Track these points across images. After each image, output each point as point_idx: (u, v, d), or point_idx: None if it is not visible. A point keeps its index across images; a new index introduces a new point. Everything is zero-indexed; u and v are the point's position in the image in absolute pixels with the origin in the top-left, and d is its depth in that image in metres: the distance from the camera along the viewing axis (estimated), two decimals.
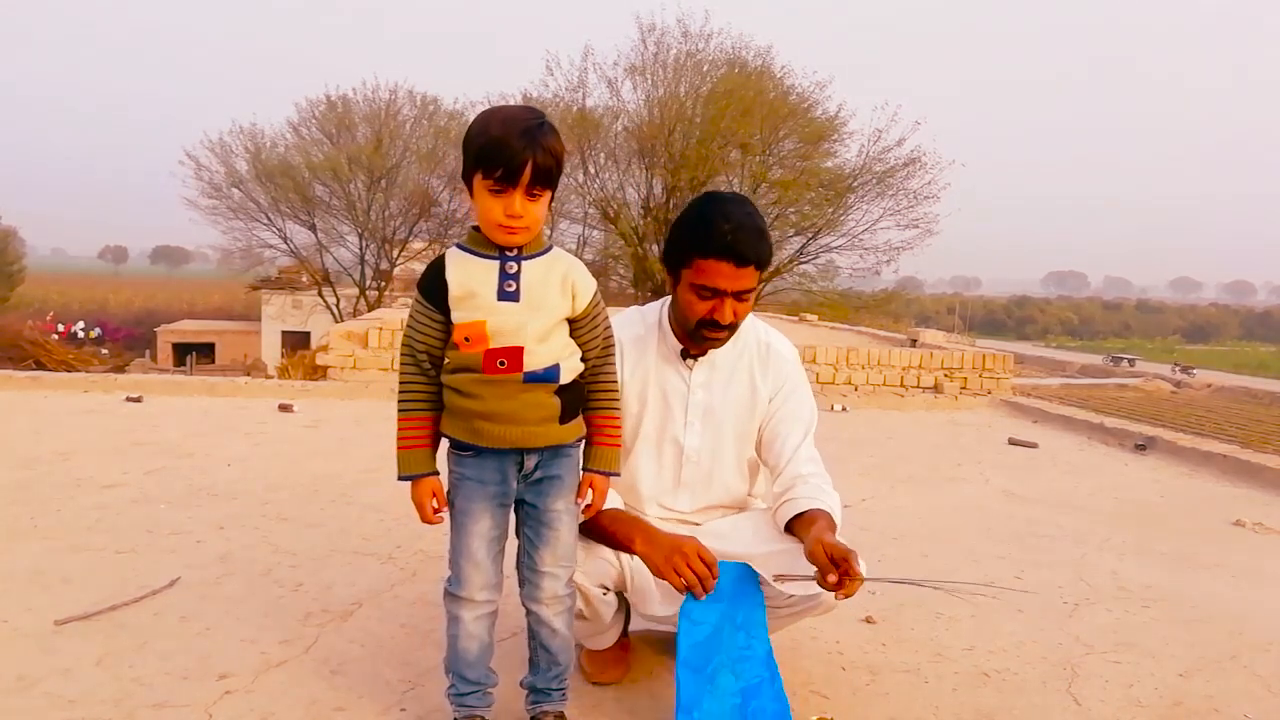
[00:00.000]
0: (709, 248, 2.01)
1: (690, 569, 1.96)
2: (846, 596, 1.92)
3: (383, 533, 3.50)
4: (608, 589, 2.12)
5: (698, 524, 2.27)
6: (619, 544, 2.07)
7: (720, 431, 2.21)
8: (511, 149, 1.68)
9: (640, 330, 2.23)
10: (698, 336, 2.13)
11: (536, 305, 1.78)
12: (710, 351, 2.19)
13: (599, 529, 2.06)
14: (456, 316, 1.77)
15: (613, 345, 1.95)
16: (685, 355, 2.20)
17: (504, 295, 1.77)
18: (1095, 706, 2.28)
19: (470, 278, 1.77)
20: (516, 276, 1.78)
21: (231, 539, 3.34)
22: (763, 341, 2.26)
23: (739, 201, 2.10)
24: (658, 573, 2.00)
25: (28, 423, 5.57)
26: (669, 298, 2.22)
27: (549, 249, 1.83)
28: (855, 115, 20.96)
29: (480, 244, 1.79)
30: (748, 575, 2.03)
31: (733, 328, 2.11)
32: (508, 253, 1.78)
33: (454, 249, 1.82)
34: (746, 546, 2.16)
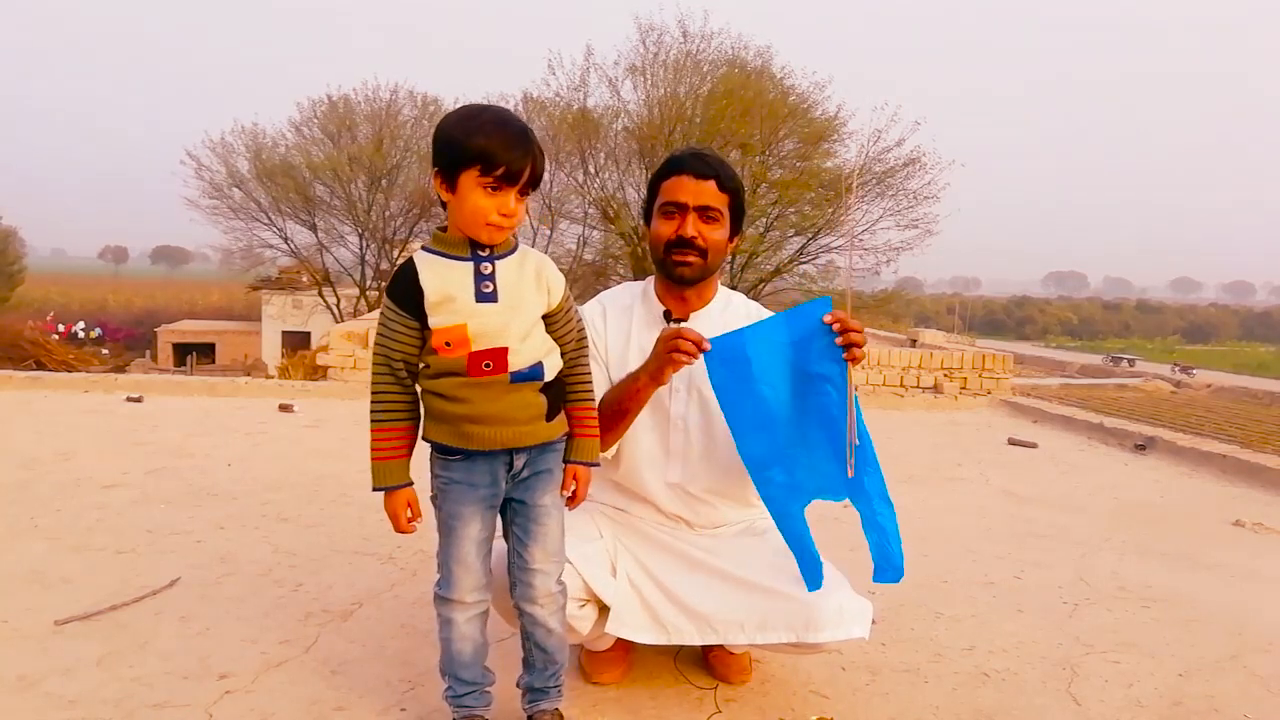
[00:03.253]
0: (669, 168, 2.17)
1: (681, 349, 1.97)
2: (852, 356, 1.96)
3: (383, 533, 3.48)
4: (584, 601, 2.09)
5: (690, 498, 2.25)
6: (627, 402, 2.06)
7: (706, 400, 2.16)
8: (515, 150, 1.69)
9: (627, 300, 2.26)
10: (669, 266, 2.15)
11: (515, 304, 1.77)
12: (694, 316, 2.19)
13: (607, 410, 2.06)
14: (434, 322, 1.74)
15: (586, 338, 1.96)
16: (669, 319, 2.20)
17: (482, 297, 1.75)
18: (1095, 706, 2.29)
19: (446, 282, 1.74)
20: (492, 277, 1.76)
21: (232, 539, 3.34)
22: (754, 316, 2.24)
23: (710, 150, 2.21)
24: (661, 373, 2.00)
25: (28, 423, 5.57)
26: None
27: (516, 247, 1.82)
28: (855, 115, 20.92)
29: (450, 245, 1.76)
30: (783, 325, 2.02)
31: (702, 252, 2.12)
32: (480, 253, 1.76)
33: (421, 253, 1.78)
34: (741, 570, 2.14)
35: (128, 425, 5.61)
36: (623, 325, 2.23)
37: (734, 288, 2.30)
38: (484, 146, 1.68)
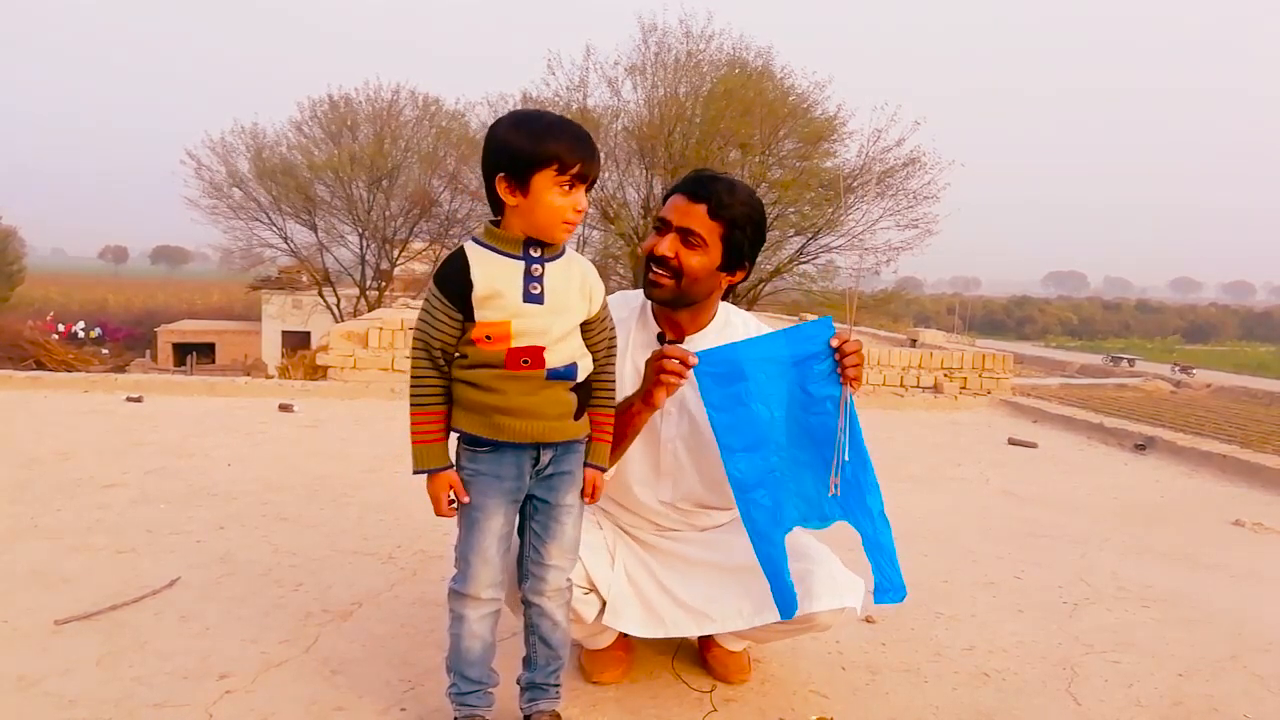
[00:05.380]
0: (674, 186, 2.13)
1: (667, 369, 1.94)
2: (855, 371, 1.98)
3: (383, 533, 3.50)
4: (588, 589, 2.11)
5: (683, 512, 2.25)
6: (623, 427, 2.03)
7: (696, 422, 2.15)
8: (588, 148, 1.75)
9: (623, 313, 2.21)
10: (646, 281, 2.12)
11: (559, 308, 1.80)
12: (689, 339, 2.16)
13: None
14: (479, 315, 1.76)
15: (615, 346, 1.98)
16: (663, 340, 2.18)
17: (529, 297, 1.77)
18: (1095, 706, 2.29)
19: (496, 278, 1.76)
20: (541, 279, 1.78)
21: (231, 539, 3.34)
22: (755, 334, 2.23)
23: (729, 177, 2.14)
24: (651, 396, 1.98)
25: (28, 423, 5.57)
26: None
27: (563, 251, 1.84)
28: (855, 115, 20.93)
29: (503, 241, 1.79)
30: (779, 343, 2.00)
31: (676, 275, 2.06)
32: (532, 253, 1.79)
33: (473, 245, 1.80)
34: (737, 558, 2.14)
35: (128, 425, 5.61)
36: (619, 338, 2.19)
37: (734, 290, 2.27)
38: (559, 148, 1.72)
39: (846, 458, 1.97)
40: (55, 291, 46.29)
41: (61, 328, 25.94)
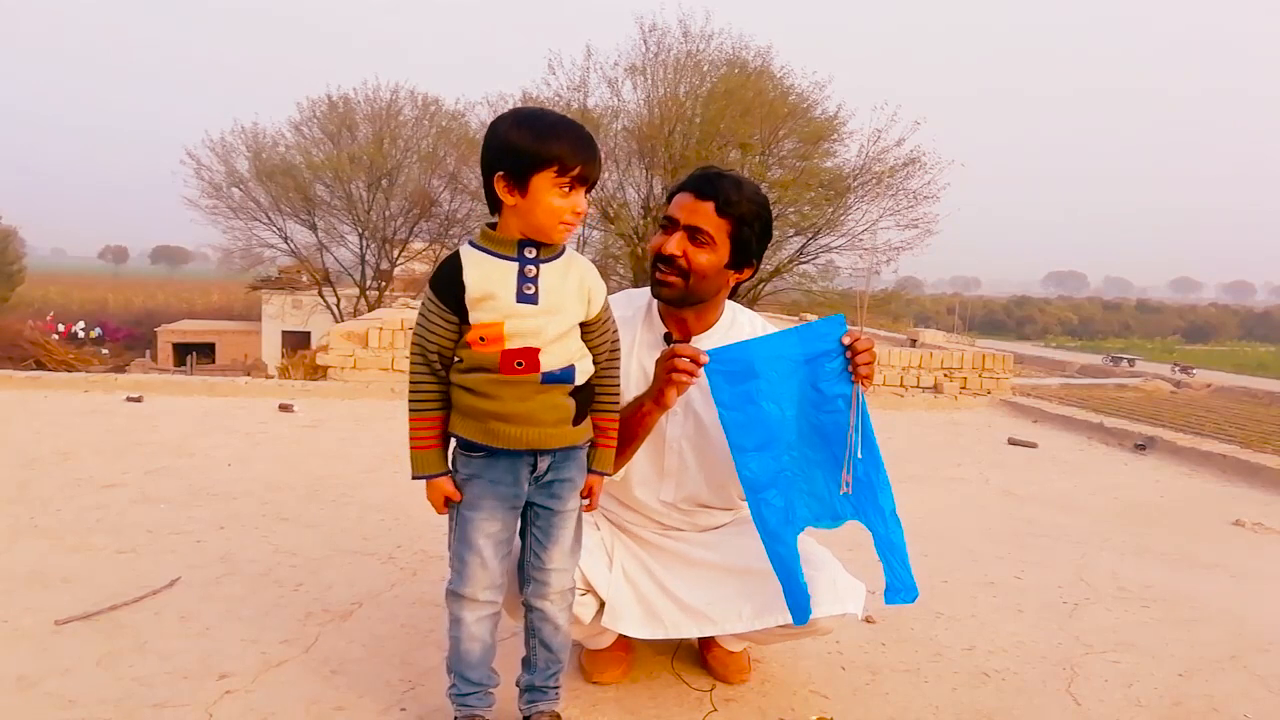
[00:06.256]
0: (680, 184, 2.12)
1: (678, 368, 1.93)
2: (867, 369, 1.97)
3: (383, 533, 3.50)
4: (585, 590, 2.10)
5: (685, 512, 2.24)
6: (634, 427, 2.03)
7: (703, 421, 2.15)
8: (590, 151, 1.74)
9: (628, 313, 2.19)
10: (653, 281, 2.11)
11: (554, 308, 1.79)
12: (695, 339, 2.14)
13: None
14: (473, 317, 1.76)
15: (619, 349, 1.96)
16: (669, 340, 2.16)
17: (523, 298, 1.76)
18: (1095, 706, 2.29)
19: (489, 280, 1.76)
20: (535, 279, 1.78)
21: (231, 539, 3.34)
22: (760, 333, 2.22)
23: (734, 174, 2.13)
24: (662, 395, 1.97)
25: (28, 423, 5.57)
26: None
27: (563, 251, 1.83)
28: (854, 115, 20.95)
29: (497, 244, 1.78)
30: (789, 341, 1.98)
31: (683, 274, 2.05)
32: (527, 254, 1.78)
33: (469, 248, 1.80)
34: (739, 559, 2.14)
35: (128, 425, 5.61)
36: (624, 337, 2.15)
37: (736, 289, 2.26)
38: (560, 150, 1.71)
39: (860, 455, 1.96)
40: (55, 291, 46.30)
41: (61, 328, 25.97)
